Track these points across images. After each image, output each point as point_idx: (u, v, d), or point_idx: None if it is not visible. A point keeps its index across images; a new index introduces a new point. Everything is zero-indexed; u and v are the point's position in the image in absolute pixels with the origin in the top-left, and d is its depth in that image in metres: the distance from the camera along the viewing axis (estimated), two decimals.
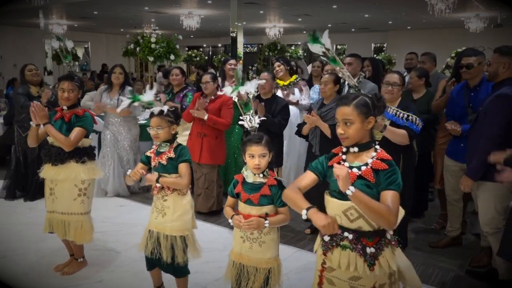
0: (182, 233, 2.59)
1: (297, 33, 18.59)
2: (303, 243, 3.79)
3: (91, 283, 3.07)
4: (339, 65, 3.10)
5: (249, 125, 2.65)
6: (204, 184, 4.40)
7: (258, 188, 2.25)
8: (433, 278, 3.20)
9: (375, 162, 1.81)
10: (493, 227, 2.93)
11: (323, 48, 2.92)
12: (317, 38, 2.91)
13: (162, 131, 2.55)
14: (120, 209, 4.67)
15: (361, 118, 1.81)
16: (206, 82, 4.25)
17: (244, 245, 2.29)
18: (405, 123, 3.13)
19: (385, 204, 1.71)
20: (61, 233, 3.06)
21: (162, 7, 11.56)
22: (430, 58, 4.74)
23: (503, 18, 11.63)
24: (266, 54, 13.25)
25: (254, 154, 2.22)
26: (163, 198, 2.58)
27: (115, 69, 4.95)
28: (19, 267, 3.28)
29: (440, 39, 14.00)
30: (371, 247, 1.81)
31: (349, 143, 1.85)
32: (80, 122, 3.00)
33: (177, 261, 2.58)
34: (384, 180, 1.77)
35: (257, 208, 2.23)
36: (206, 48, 22.10)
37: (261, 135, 2.30)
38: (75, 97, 3.07)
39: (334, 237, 1.87)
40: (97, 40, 18.70)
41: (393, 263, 1.84)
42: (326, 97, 3.69)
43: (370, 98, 1.87)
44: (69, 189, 3.01)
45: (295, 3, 10.75)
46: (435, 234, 3.96)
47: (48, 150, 3.04)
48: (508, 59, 2.90)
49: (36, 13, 11.90)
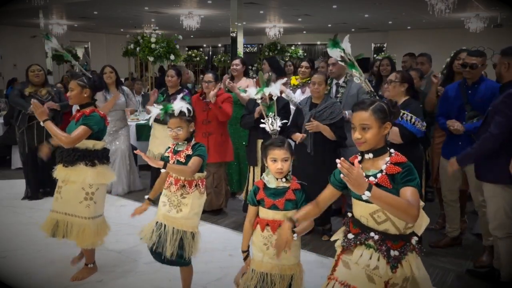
0: (193, 230, 2.63)
1: (297, 33, 18.60)
2: (303, 243, 3.78)
3: (91, 283, 3.07)
4: (358, 71, 3.10)
5: (270, 128, 2.62)
6: (213, 183, 4.41)
7: (282, 193, 2.22)
8: (433, 278, 3.20)
9: (389, 167, 1.82)
10: (504, 232, 2.88)
11: (342, 53, 2.94)
12: (338, 43, 2.96)
13: (182, 131, 2.57)
14: (120, 209, 4.67)
15: (378, 123, 1.83)
16: (209, 81, 4.24)
17: (268, 252, 2.22)
18: (399, 121, 3.11)
19: (405, 199, 1.72)
20: (61, 234, 3.01)
21: (162, 7, 11.55)
22: (428, 59, 4.76)
23: (503, 18, 11.63)
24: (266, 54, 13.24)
25: (277, 158, 2.18)
26: (181, 195, 2.59)
27: (105, 69, 5.05)
28: (19, 267, 3.28)
29: (440, 39, 14.00)
30: (395, 250, 1.81)
31: (366, 147, 1.85)
32: (84, 120, 2.96)
33: (184, 256, 2.59)
34: (401, 179, 1.78)
35: (283, 213, 2.19)
36: (206, 48, 22.10)
37: (283, 138, 2.28)
38: (75, 96, 3.01)
39: (359, 235, 1.87)
40: (97, 40, 18.70)
41: (415, 268, 1.84)
42: (319, 96, 3.69)
43: (386, 104, 1.89)
44: (75, 191, 2.98)
45: (295, 3, 10.75)
46: (435, 234, 3.96)
47: (61, 150, 3.02)
48: (508, 59, 2.90)
49: (36, 13, 11.89)
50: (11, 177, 5.80)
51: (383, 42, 17.45)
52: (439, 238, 3.79)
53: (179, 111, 2.57)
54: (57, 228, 3.02)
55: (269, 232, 2.21)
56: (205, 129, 4.31)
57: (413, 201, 1.71)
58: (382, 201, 1.68)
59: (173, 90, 4.82)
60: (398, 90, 3.23)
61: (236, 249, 2.38)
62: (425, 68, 4.64)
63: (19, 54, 15.31)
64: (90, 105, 3.07)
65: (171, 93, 4.80)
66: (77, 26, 15.98)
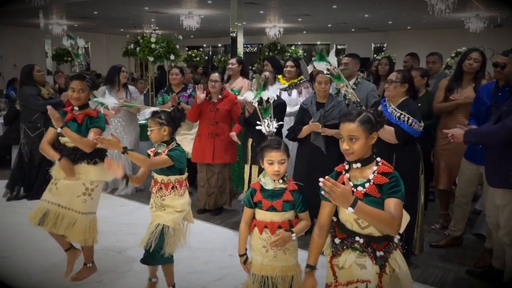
0: (174, 225, 2.64)
1: (297, 33, 18.60)
2: (303, 243, 3.78)
3: (91, 283, 3.07)
4: (344, 82, 3.14)
5: (266, 129, 2.64)
6: (217, 182, 4.41)
7: (280, 194, 2.22)
8: (433, 278, 3.20)
9: (377, 177, 1.87)
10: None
11: (328, 65, 3.00)
12: (324, 57, 3.05)
13: (152, 132, 2.60)
14: (120, 209, 4.67)
15: (366, 134, 1.87)
16: (215, 80, 4.22)
17: (268, 254, 2.23)
18: (396, 122, 3.11)
19: (388, 212, 1.78)
20: (50, 225, 2.94)
21: (162, 7, 11.56)
22: (439, 58, 4.71)
23: (503, 18, 11.63)
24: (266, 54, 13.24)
25: (274, 161, 2.19)
26: (161, 197, 2.62)
27: (122, 68, 5.07)
28: (19, 267, 3.28)
29: (440, 39, 13.98)
30: (380, 251, 1.88)
31: (354, 158, 1.90)
32: (95, 123, 2.97)
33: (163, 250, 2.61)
34: (387, 190, 1.84)
35: (280, 215, 2.21)
36: (206, 48, 22.10)
37: (279, 140, 2.29)
38: (86, 97, 3.00)
39: (345, 240, 1.93)
40: (97, 40, 18.70)
41: (402, 262, 1.93)
42: (325, 96, 3.70)
43: (372, 113, 1.93)
44: (75, 185, 2.96)
45: (295, 3, 10.75)
46: (435, 234, 3.96)
47: (61, 150, 3.01)
48: None
49: (36, 13, 11.90)
50: None
51: (383, 42, 17.45)
52: (440, 238, 3.79)
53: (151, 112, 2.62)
54: (45, 218, 2.94)
55: (268, 234, 2.22)
56: (213, 129, 4.29)
57: (395, 214, 1.77)
58: (365, 215, 1.74)
59: (178, 88, 4.86)
60: (398, 90, 3.20)
61: (236, 249, 2.38)
62: (437, 67, 4.61)
63: (19, 54, 15.30)
64: (88, 105, 3.08)
65: (176, 91, 4.82)
66: (77, 26, 15.99)
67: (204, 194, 4.45)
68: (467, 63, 3.68)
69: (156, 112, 2.62)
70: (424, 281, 3.13)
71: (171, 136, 2.66)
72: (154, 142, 2.65)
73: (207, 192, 4.44)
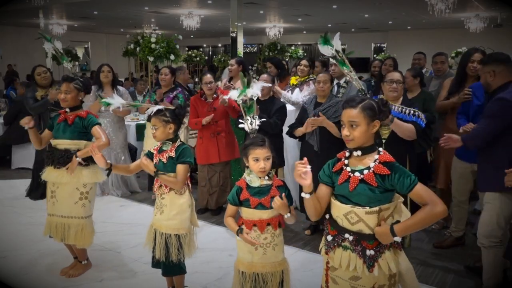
0: (177, 232, 2.59)
1: (297, 33, 18.61)
2: (303, 243, 3.79)
3: (91, 283, 3.07)
4: (348, 68, 3.10)
5: (249, 127, 2.65)
6: (219, 181, 4.42)
7: (266, 191, 2.22)
8: (433, 278, 3.20)
9: (377, 166, 1.82)
10: (491, 240, 2.82)
11: (333, 50, 2.95)
12: (328, 40, 2.96)
13: (157, 131, 2.57)
14: (120, 209, 4.67)
15: (367, 121, 1.83)
16: (210, 82, 4.23)
17: (257, 252, 2.22)
18: (412, 118, 3.15)
19: (423, 209, 1.76)
20: (60, 237, 3.03)
21: (162, 7, 11.57)
22: (446, 58, 4.67)
23: (503, 18, 11.64)
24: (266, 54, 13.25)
25: (259, 158, 2.18)
26: (161, 196, 2.60)
27: (102, 67, 4.92)
28: (19, 267, 3.28)
29: (440, 39, 14.00)
30: (371, 250, 1.82)
31: (354, 145, 1.86)
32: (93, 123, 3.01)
33: (170, 259, 2.58)
34: (398, 183, 1.79)
35: (269, 212, 2.20)
36: (206, 48, 22.12)
37: (263, 137, 2.27)
38: (72, 98, 3.02)
39: (336, 237, 1.89)
40: (97, 40, 18.72)
41: (394, 266, 1.84)
42: (325, 95, 3.70)
43: (376, 102, 1.89)
44: (70, 192, 2.99)
45: (295, 3, 10.76)
46: (435, 234, 3.96)
47: (51, 152, 3.02)
48: (492, 67, 2.86)
49: (36, 13, 11.92)
50: (11, 177, 5.79)
51: (383, 42, 17.48)
52: (440, 238, 3.79)
53: (155, 110, 2.58)
54: (55, 230, 3.03)
55: (257, 232, 2.20)
56: (214, 129, 4.29)
57: (429, 199, 1.76)
58: (411, 231, 1.80)
59: (165, 89, 4.71)
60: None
61: (236, 249, 2.38)
62: (445, 67, 4.58)
63: (19, 54, 15.32)
64: (80, 107, 3.10)
65: (163, 91, 4.70)
66: (77, 26, 16.00)
67: (205, 193, 4.45)
68: (471, 67, 3.62)
69: (159, 110, 2.59)
70: (424, 281, 3.12)
71: (175, 134, 2.64)
72: (159, 140, 2.61)
73: (208, 191, 4.44)
